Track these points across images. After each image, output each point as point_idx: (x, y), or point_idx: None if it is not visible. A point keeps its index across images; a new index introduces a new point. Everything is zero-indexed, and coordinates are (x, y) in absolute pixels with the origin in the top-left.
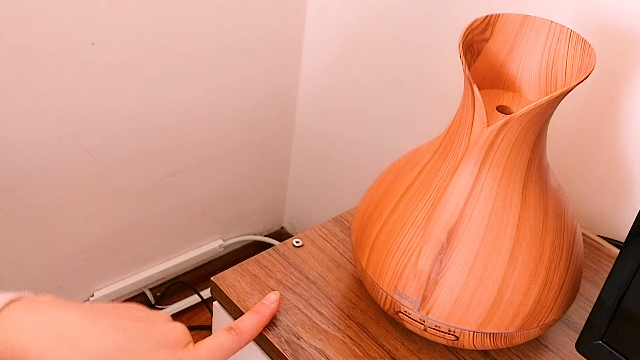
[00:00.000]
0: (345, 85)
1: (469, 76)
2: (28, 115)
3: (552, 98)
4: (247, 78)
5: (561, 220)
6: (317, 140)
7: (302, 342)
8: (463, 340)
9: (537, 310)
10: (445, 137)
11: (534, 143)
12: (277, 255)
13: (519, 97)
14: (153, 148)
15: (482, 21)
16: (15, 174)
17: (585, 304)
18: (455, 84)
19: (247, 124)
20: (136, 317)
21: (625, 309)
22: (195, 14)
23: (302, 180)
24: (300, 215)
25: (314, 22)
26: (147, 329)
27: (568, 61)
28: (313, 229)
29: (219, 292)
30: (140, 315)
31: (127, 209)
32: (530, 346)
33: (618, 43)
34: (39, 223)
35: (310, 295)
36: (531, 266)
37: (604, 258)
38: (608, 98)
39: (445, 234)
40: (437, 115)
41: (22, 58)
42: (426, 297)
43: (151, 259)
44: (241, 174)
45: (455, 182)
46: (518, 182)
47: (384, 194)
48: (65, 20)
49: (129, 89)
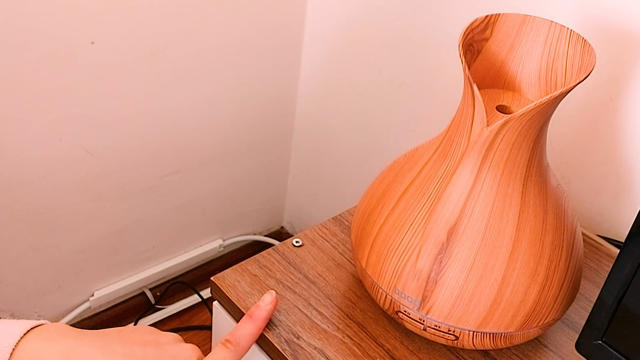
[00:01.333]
0: (345, 85)
1: (468, 76)
2: (28, 115)
3: (552, 98)
4: (246, 78)
5: (561, 220)
6: (316, 140)
7: (301, 342)
8: (463, 340)
9: (537, 309)
10: (445, 137)
11: (533, 143)
12: (276, 255)
13: (519, 97)
14: (153, 148)
15: (482, 21)
16: (15, 173)
17: (585, 303)
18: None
19: (246, 123)
20: (147, 341)
21: (625, 308)
22: (195, 15)
23: (302, 180)
24: (300, 215)
25: (314, 22)
26: (157, 352)
27: (568, 61)
28: (313, 228)
29: (219, 292)
30: (150, 338)
31: (127, 209)
32: (530, 346)
33: (618, 43)
34: (39, 223)
35: (309, 295)
36: (531, 266)
37: (603, 258)
38: (608, 98)
39: (445, 233)
40: (437, 115)
41: (22, 58)
42: (426, 297)
43: (151, 259)
44: (241, 173)
45: (455, 182)
46: (518, 182)
47: (383, 194)
48: (65, 20)
49: (129, 89)
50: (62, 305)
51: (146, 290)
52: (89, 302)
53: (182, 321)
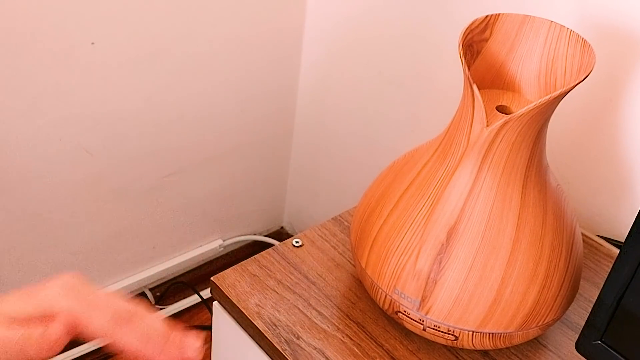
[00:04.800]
0: (345, 85)
1: (468, 76)
2: (28, 115)
3: (551, 98)
4: (246, 78)
5: (560, 220)
6: (316, 140)
7: (301, 342)
8: (462, 340)
9: (536, 310)
10: (444, 137)
11: (533, 143)
12: (276, 255)
13: (519, 97)
14: (153, 148)
15: (481, 21)
16: (15, 173)
17: (585, 304)
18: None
19: (246, 123)
20: None
21: (625, 308)
22: (194, 15)
23: (302, 180)
24: (299, 215)
25: (314, 22)
26: None
27: (568, 61)
28: (312, 228)
29: (219, 292)
30: None
31: (127, 209)
32: (529, 346)
33: (618, 43)
34: (39, 223)
35: (309, 295)
36: (530, 266)
37: (603, 258)
38: (607, 98)
39: (445, 233)
40: (436, 115)
41: (22, 58)
42: (425, 297)
43: (151, 259)
44: (241, 173)
45: (454, 182)
46: (517, 182)
47: (383, 194)
48: (65, 20)
49: (129, 89)
50: None
51: (146, 290)
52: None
53: (182, 321)
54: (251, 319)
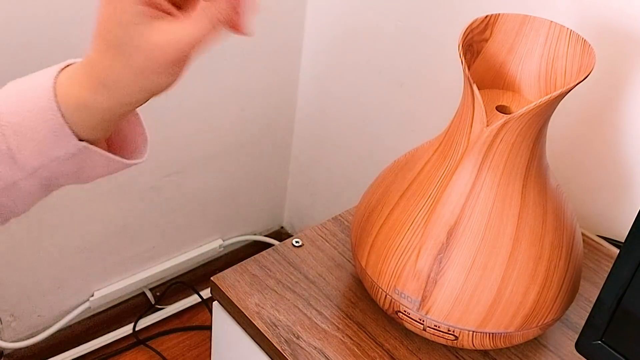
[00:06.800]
0: (345, 85)
1: (468, 76)
2: None
3: (551, 98)
4: (247, 78)
5: (560, 220)
6: (316, 140)
7: (301, 342)
8: (462, 339)
9: (536, 309)
10: (445, 137)
11: (533, 143)
12: (276, 255)
13: (519, 97)
14: (153, 147)
15: (481, 21)
16: None
17: (585, 304)
18: (455, 83)
19: (246, 124)
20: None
21: (625, 309)
22: None
23: (302, 180)
24: (300, 215)
25: (314, 22)
26: None
27: (568, 61)
28: (312, 228)
29: (219, 292)
30: None
31: (127, 208)
32: (529, 346)
33: (618, 43)
34: (39, 223)
35: (309, 295)
36: (530, 266)
37: (603, 258)
38: (608, 98)
39: (445, 233)
40: (437, 115)
41: (22, 58)
42: (425, 297)
43: (151, 259)
44: (241, 173)
45: (454, 182)
46: (517, 182)
47: (383, 194)
48: (66, 20)
49: None
50: (62, 305)
51: (146, 290)
52: (88, 302)
53: (182, 321)
54: (251, 318)
